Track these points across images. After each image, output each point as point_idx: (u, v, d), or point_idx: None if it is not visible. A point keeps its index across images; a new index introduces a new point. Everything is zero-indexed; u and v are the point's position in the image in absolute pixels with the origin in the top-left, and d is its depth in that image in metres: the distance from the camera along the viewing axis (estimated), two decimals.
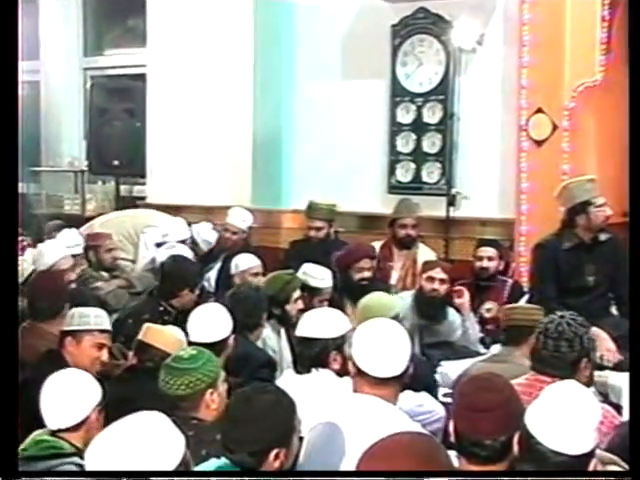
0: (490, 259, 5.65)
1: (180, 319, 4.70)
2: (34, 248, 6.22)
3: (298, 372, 3.67)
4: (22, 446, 2.90)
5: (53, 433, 2.96)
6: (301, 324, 3.69)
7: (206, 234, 6.58)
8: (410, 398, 3.60)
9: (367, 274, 5.47)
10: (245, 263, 5.69)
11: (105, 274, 5.98)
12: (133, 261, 6.50)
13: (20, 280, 5.41)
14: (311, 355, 3.58)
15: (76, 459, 2.89)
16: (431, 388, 4.15)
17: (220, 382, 3.20)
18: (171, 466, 2.15)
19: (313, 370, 3.60)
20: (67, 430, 2.96)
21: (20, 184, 8.34)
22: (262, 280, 5.51)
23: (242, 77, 7.19)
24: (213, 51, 7.32)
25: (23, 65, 8.80)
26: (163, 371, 3.16)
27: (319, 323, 3.61)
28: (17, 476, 2.55)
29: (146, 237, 6.59)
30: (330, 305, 4.97)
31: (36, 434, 2.95)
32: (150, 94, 7.76)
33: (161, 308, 4.96)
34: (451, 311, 5.24)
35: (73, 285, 5.28)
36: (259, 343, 4.61)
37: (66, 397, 2.98)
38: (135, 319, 4.77)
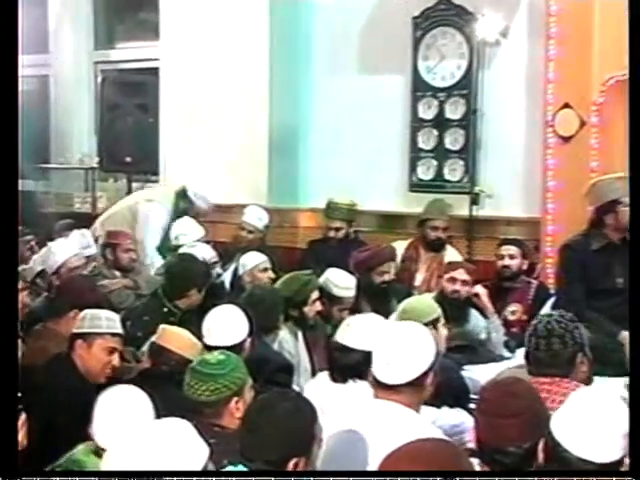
0: (512, 257, 5.65)
1: (185, 320, 4.75)
2: (43, 247, 6.29)
3: (334, 380, 3.64)
4: (61, 462, 2.90)
5: (97, 450, 2.90)
6: (341, 330, 3.63)
7: (203, 191, 6.64)
8: (447, 416, 3.59)
9: (387, 277, 5.49)
10: (252, 260, 5.73)
11: (117, 273, 6.02)
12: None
13: (29, 279, 5.48)
14: (349, 364, 3.53)
15: None
16: (462, 397, 4.11)
17: (247, 390, 3.20)
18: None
19: (350, 381, 3.56)
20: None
21: (28, 182, 8.42)
22: (272, 275, 5.58)
23: (258, 71, 7.21)
24: (228, 44, 7.35)
25: (32, 59, 8.94)
26: (188, 374, 3.17)
27: (361, 332, 3.53)
28: (17, 476, 2.58)
29: (148, 213, 6.63)
30: (350, 309, 5.00)
31: (80, 450, 2.92)
32: (163, 89, 7.80)
33: (165, 309, 5.01)
34: (474, 313, 5.24)
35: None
36: (275, 346, 4.63)
37: (123, 416, 2.88)
38: (136, 319, 4.83)
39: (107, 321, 3.91)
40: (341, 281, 5.13)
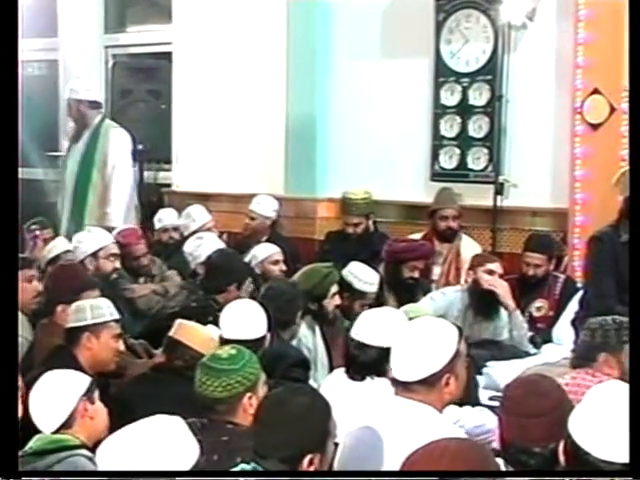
0: (537, 267, 5.65)
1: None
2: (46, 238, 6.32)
3: (351, 377, 3.65)
4: (27, 446, 2.98)
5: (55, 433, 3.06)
6: (359, 326, 3.64)
7: None
8: (470, 416, 3.60)
9: (417, 274, 5.51)
10: (263, 252, 5.77)
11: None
12: None
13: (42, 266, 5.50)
14: (366, 361, 3.55)
15: (84, 451, 2.98)
16: (471, 391, 4.12)
17: (260, 386, 3.19)
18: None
19: (368, 378, 3.57)
20: (61, 429, 3.04)
21: (37, 170, 8.46)
22: (283, 268, 5.60)
23: (275, 56, 7.22)
24: (243, 27, 7.35)
25: (40, 42, 8.96)
26: (199, 370, 3.16)
27: (379, 328, 3.55)
28: (17, 476, 2.62)
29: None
30: (372, 304, 5.01)
31: (39, 436, 3.03)
32: (176, 74, 7.81)
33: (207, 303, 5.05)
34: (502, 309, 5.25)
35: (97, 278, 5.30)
36: (294, 341, 4.64)
37: (48, 398, 3.07)
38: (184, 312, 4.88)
39: (108, 309, 4.01)
40: (364, 275, 5.15)
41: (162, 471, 2.23)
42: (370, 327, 3.58)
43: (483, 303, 5.19)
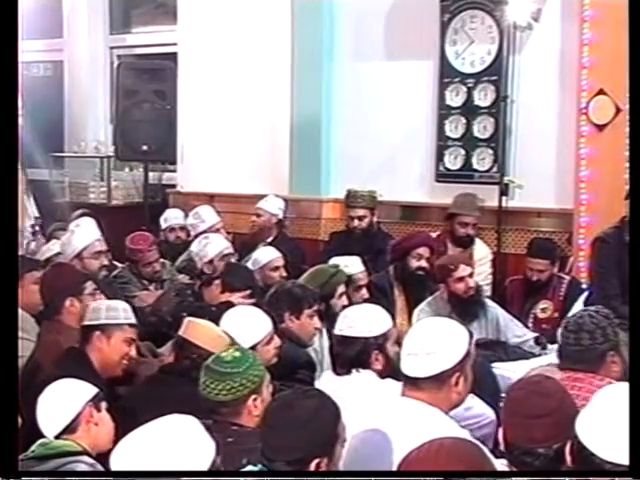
0: (541, 272, 5.66)
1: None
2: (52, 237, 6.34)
3: (337, 374, 3.70)
4: (29, 450, 2.98)
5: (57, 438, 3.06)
6: (339, 322, 3.73)
7: None
8: None
9: (424, 264, 5.52)
10: (264, 257, 5.73)
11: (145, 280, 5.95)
12: None
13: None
14: (351, 355, 3.63)
15: (85, 458, 2.97)
16: (492, 393, 4.14)
17: (265, 387, 3.18)
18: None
19: (353, 371, 3.64)
20: (65, 433, 3.05)
21: (42, 171, 8.49)
22: (283, 274, 5.59)
23: (280, 57, 7.23)
24: (249, 29, 7.37)
25: (45, 43, 9.00)
26: (203, 373, 3.15)
27: (358, 321, 3.65)
28: (17, 476, 2.63)
29: None
30: (381, 298, 5.02)
31: (41, 440, 3.03)
32: (182, 75, 7.83)
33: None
34: (490, 307, 5.26)
35: (101, 279, 5.30)
36: None
37: (55, 401, 3.08)
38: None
39: (124, 312, 4.00)
40: (343, 261, 5.23)
41: (167, 471, 2.23)
42: (351, 321, 3.67)
43: (468, 308, 5.17)
